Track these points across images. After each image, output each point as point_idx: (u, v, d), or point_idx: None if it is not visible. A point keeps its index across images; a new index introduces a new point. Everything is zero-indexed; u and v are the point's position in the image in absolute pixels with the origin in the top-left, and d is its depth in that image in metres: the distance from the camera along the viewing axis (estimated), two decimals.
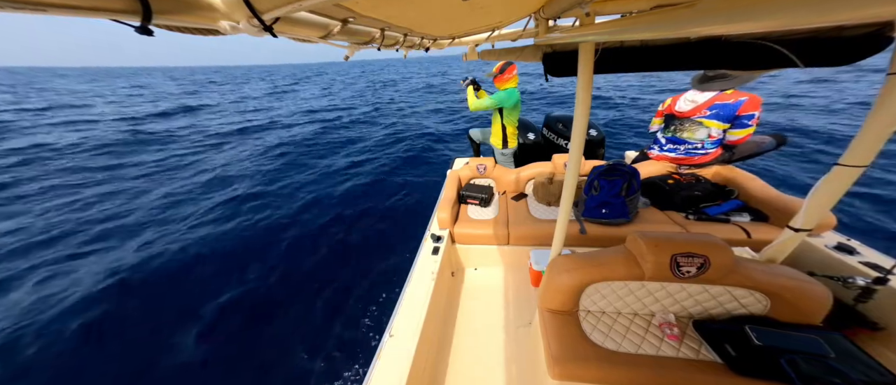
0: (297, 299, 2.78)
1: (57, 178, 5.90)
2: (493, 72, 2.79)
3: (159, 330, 2.50)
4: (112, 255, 3.43)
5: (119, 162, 6.82)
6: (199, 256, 3.34)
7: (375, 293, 2.74)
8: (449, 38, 1.52)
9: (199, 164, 6.60)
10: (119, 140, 8.51)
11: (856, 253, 1.47)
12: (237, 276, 3.04)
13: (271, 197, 4.76)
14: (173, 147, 7.97)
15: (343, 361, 2.17)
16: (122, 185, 5.49)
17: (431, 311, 1.48)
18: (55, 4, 0.22)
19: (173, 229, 3.90)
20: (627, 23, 0.63)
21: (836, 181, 0.99)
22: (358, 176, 5.48)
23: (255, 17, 0.34)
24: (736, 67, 0.86)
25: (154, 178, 5.84)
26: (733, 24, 0.34)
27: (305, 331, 2.46)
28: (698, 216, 1.93)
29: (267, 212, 4.27)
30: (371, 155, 6.71)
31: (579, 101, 1.11)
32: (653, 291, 1.21)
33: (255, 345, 2.37)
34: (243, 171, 5.93)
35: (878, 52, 0.69)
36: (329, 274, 3.07)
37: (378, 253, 3.32)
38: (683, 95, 2.30)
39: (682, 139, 2.29)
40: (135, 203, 4.71)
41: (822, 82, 11.38)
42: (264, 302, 2.77)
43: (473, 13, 0.93)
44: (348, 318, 2.53)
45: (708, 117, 2.14)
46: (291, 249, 3.45)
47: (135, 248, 3.50)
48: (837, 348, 0.95)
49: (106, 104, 16.98)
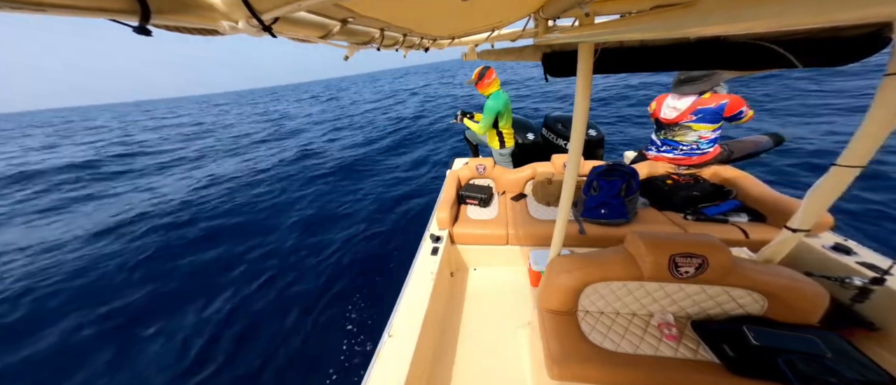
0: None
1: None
2: (473, 79, 2.79)
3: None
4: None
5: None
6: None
7: (375, 293, 2.74)
8: (448, 38, 1.52)
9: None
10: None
11: (853, 253, 1.47)
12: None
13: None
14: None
15: (343, 361, 2.16)
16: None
17: (430, 312, 1.48)
18: (54, 4, 0.22)
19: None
20: (627, 23, 0.63)
21: (834, 181, 0.99)
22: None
23: (254, 17, 0.34)
24: (735, 68, 0.87)
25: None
26: (732, 24, 0.34)
27: (306, 330, 2.46)
28: (697, 216, 1.93)
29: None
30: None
31: (578, 102, 1.11)
32: (651, 292, 1.21)
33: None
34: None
35: (876, 52, 0.69)
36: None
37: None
38: (665, 101, 2.29)
39: (675, 141, 2.30)
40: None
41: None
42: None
43: (473, 13, 0.93)
44: (349, 318, 2.53)
45: (696, 121, 2.15)
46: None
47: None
48: (834, 348, 0.96)
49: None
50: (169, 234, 4.25)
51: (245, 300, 2.86)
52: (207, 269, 3.42)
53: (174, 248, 3.90)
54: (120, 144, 13.39)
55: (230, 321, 2.63)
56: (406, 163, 6.49)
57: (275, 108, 25.98)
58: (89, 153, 11.43)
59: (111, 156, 10.50)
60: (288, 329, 2.49)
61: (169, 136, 14.81)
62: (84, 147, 13.59)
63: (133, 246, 4.01)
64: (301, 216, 4.44)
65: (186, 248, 3.89)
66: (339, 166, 6.60)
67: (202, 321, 2.66)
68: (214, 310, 2.77)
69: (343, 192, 5.24)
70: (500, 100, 2.72)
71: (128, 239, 4.22)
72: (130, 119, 33.39)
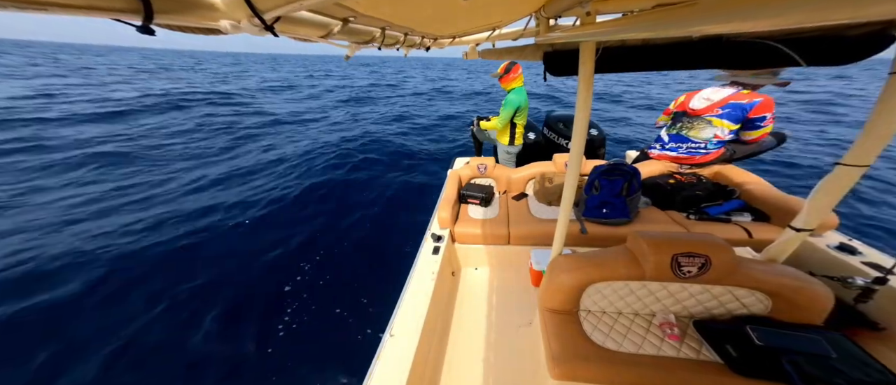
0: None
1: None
2: (498, 72, 2.82)
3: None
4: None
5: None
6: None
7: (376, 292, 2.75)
8: (449, 38, 1.52)
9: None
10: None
11: (857, 253, 1.46)
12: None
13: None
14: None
15: (342, 361, 2.17)
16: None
17: (432, 311, 1.48)
18: (57, 4, 0.22)
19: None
20: (628, 22, 0.63)
21: (838, 181, 0.99)
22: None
23: (256, 17, 0.34)
24: (737, 66, 0.86)
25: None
26: (735, 23, 0.34)
27: (306, 330, 2.46)
28: (699, 216, 1.93)
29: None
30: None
31: (580, 101, 1.10)
32: (654, 291, 1.21)
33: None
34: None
35: (880, 51, 0.69)
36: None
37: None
38: (699, 93, 2.29)
39: (687, 137, 2.28)
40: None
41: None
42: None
43: (474, 12, 0.93)
44: (348, 318, 2.53)
45: (719, 116, 2.13)
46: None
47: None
48: (839, 348, 0.95)
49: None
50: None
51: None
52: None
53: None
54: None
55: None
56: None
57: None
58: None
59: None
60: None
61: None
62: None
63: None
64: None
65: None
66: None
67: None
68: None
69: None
70: (522, 95, 2.76)
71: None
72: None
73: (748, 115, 2.05)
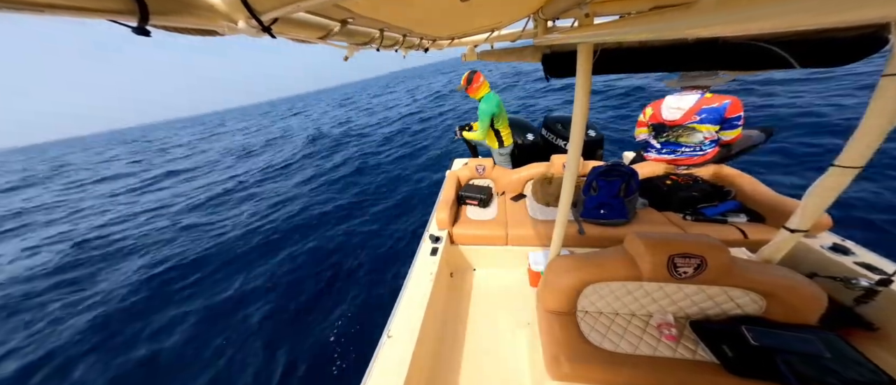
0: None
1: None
2: (462, 85, 2.82)
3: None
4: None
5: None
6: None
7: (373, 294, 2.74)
8: (448, 39, 1.52)
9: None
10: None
11: (851, 253, 1.48)
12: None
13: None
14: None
15: (341, 361, 2.16)
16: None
17: (430, 312, 1.47)
18: (53, 5, 0.22)
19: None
20: (626, 24, 0.63)
21: (832, 182, 0.99)
22: None
23: (253, 18, 0.34)
24: (733, 68, 0.87)
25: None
26: (731, 25, 0.34)
27: (305, 330, 2.45)
28: (696, 217, 1.93)
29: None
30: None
31: (578, 102, 1.11)
32: (650, 292, 1.21)
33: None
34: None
35: (873, 53, 0.69)
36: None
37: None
38: (664, 103, 2.28)
39: (679, 143, 2.29)
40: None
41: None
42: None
43: (473, 14, 0.93)
44: (347, 318, 2.52)
45: (700, 122, 2.15)
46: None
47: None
48: (833, 348, 0.96)
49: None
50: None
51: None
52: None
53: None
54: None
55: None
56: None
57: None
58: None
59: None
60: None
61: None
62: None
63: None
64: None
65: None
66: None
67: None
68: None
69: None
70: (492, 101, 2.74)
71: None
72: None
73: (725, 115, 2.09)
